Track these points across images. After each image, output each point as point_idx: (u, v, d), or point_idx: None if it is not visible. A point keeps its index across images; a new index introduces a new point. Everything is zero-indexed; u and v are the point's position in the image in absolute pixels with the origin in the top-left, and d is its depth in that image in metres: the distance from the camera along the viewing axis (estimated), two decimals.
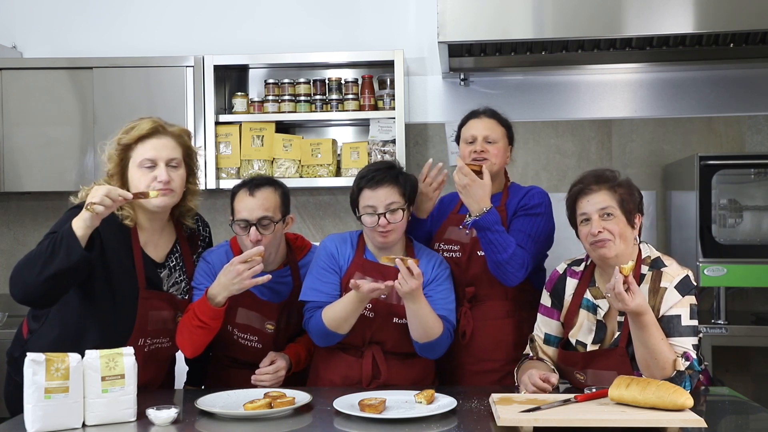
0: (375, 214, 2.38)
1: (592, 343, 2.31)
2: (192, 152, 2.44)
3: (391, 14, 4.05)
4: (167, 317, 2.40)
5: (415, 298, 2.29)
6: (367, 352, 2.44)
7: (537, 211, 2.59)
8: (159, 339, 2.39)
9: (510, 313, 2.63)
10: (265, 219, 2.43)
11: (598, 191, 2.27)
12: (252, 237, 2.41)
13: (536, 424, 1.88)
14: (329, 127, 4.06)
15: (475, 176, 2.47)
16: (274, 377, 2.41)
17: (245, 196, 2.47)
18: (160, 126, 2.35)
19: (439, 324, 2.37)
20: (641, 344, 2.13)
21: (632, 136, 3.98)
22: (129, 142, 2.31)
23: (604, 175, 2.32)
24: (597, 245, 2.25)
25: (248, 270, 2.27)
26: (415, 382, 2.44)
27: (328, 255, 2.47)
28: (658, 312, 2.20)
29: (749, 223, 3.70)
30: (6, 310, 3.82)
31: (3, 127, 3.78)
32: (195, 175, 2.47)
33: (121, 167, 2.33)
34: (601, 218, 2.25)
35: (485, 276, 2.56)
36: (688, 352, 2.15)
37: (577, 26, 3.32)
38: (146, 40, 4.09)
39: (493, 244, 2.45)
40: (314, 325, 2.38)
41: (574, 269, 2.41)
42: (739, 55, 3.69)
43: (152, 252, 2.40)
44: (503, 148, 2.66)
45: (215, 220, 3.97)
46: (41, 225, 4.10)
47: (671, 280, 2.23)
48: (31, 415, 1.93)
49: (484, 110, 2.71)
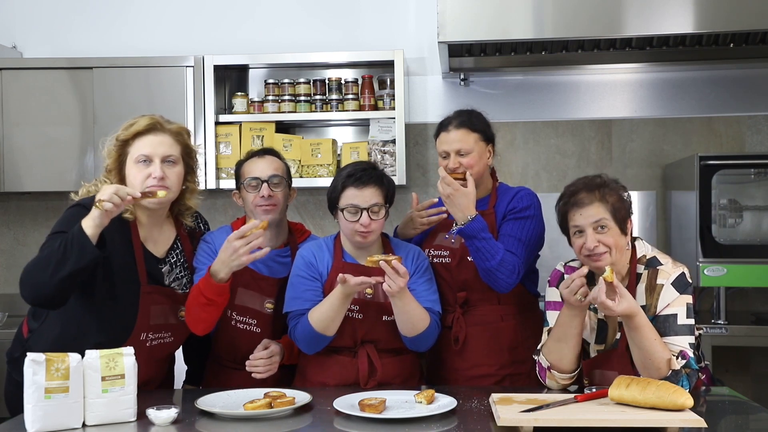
0: (358, 212, 2.37)
1: (595, 343, 2.32)
2: (191, 150, 2.44)
3: (391, 14, 4.05)
4: (169, 312, 2.40)
5: (402, 296, 2.29)
6: (362, 351, 2.43)
7: (526, 214, 2.55)
8: (161, 334, 2.39)
9: (504, 317, 2.61)
10: (276, 176, 2.55)
11: (590, 204, 2.24)
12: (264, 192, 2.50)
13: (536, 424, 1.88)
14: (329, 127, 4.06)
15: (458, 185, 2.43)
16: (268, 362, 2.42)
17: (255, 159, 2.60)
18: (157, 123, 2.35)
19: (425, 316, 2.37)
20: (635, 345, 2.14)
21: (632, 136, 3.98)
22: (126, 138, 2.33)
23: (593, 183, 2.28)
24: (592, 258, 2.24)
25: (245, 246, 2.27)
26: (405, 379, 2.46)
27: (306, 264, 2.46)
28: (655, 309, 2.21)
29: (749, 223, 3.70)
30: (6, 310, 3.83)
31: (3, 127, 3.78)
32: (194, 173, 2.47)
33: (119, 163, 2.34)
34: (595, 231, 2.23)
35: (476, 281, 2.53)
36: (684, 351, 2.15)
37: (577, 26, 3.32)
38: (146, 40, 4.09)
39: (481, 251, 2.42)
40: (301, 330, 2.37)
41: (572, 265, 2.42)
42: (739, 55, 3.69)
43: (152, 248, 2.40)
44: (479, 154, 2.56)
45: (215, 220, 3.97)
46: (41, 225, 4.10)
47: (667, 277, 2.23)
48: (31, 415, 1.93)
49: (453, 119, 2.60)
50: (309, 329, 2.34)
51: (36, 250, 2.27)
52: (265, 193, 2.51)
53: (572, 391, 2.28)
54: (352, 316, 2.40)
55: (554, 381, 2.31)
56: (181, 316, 2.42)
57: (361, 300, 2.41)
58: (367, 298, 2.42)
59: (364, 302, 2.42)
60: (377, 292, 2.42)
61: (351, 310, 2.40)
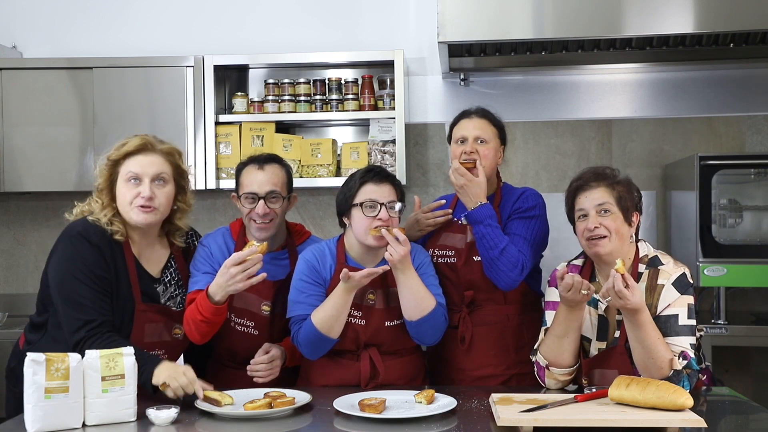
0: (377, 207, 2.37)
1: (596, 340, 2.32)
2: (182, 171, 2.44)
3: (391, 14, 4.05)
4: (163, 329, 2.41)
5: (405, 268, 2.32)
6: (364, 354, 2.43)
7: (532, 213, 2.57)
8: (155, 351, 2.39)
9: (510, 317, 2.62)
10: (273, 193, 2.52)
11: (596, 188, 2.29)
12: (260, 210, 2.48)
13: (536, 424, 1.88)
14: (329, 127, 4.06)
15: (471, 176, 2.48)
16: (269, 366, 2.42)
17: (254, 170, 2.54)
18: (148, 143, 2.37)
19: (430, 297, 2.37)
20: (638, 343, 2.14)
21: (632, 136, 3.98)
22: (118, 158, 2.34)
23: (603, 172, 2.34)
24: (592, 242, 2.27)
25: (242, 273, 2.27)
26: (410, 380, 2.45)
27: (310, 268, 2.45)
28: (655, 309, 2.21)
29: (749, 223, 3.70)
30: (6, 310, 3.83)
31: (3, 127, 3.78)
32: (185, 193, 2.47)
33: (110, 182, 2.36)
34: (598, 214, 2.27)
35: (483, 281, 2.55)
36: (685, 351, 2.15)
37: (577, 26, 3.32)
38: (146, 40, 4.09)
39: (486, 238, 2.45)
40: (304, 333, 2.36)
41: (574, 263, 2.42)
42: (739, 55, 3.69)
43: (147, 266, 2.41)
44: (494, 149, 2.62)
45: (215, 221, 3.99)
46: (41, 225, 4.10)
47: (668, 277, 2.23)
48: (31, 415, 1.93)
49: (476, 110, 2.68)
50: (312, 331, 2.34)
51: (36, 250, 2.29)
52: (260, 211, 2.49)
53: (572, 392, 2.28)
54: (354, 322, 2.40)
55: (554, 379, 2.31)
56: (176, 333, 2.44)
57: (363, 306, 2.41)
58: (369, 304, 2.42)
59: (366, 308, 2.42)
60: (379, 299, 2.42)
61: (353, 316, 2.40)
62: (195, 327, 2.39)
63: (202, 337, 2.43)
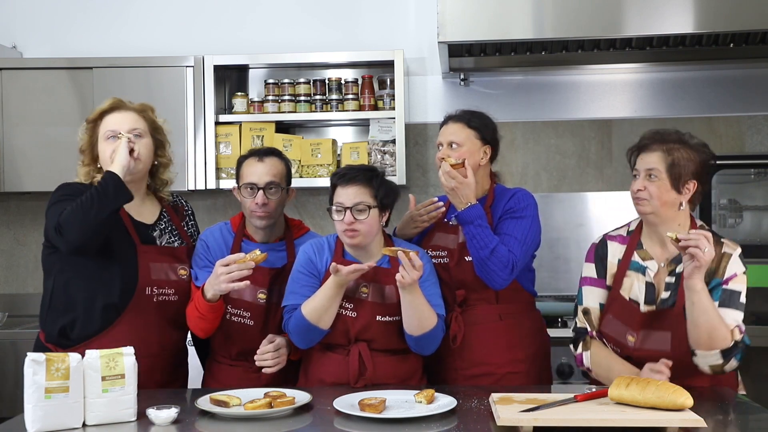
0: (343, 211, 2.39)
1: (645, 303, 2.33)
2: (157, 126, 2.55)
3: (391, 14, 4.05)
4: (168, 269, 2.49)
5: (413, 290, 2.32)
6: (353, 350, 2.43)
7: (523, 213, 2.57)
8: (164, 290, 2.47)
9: (502, 316, 2.61)
10: (272, 184, 2.56)
11: (652, 151, 2.32)
12: (259, 200, 2.52)
13: (536, 423, 1.88)
14: (329, 127, 4.06)
15: (462, 178, 2.47)
16: (277, 355, 2.43)
17: (254, 161, 2.59)
18: (120, 101, 2.50)
19: (433, 315, 2.39)
20: (702, 311, 2.14)
21: (632, 136, 3.94)
22: (94, 118, 2.48)
23: (664, 136, 2.36)
24: (636, 201, 2.33)
25: (226, 275, 2.30)
26: (403, 380, 2.45)
27: (307, 260, 2.49)
28: (723, 274, 2.27)
29: (749, 223, 3.70)
30: (6, 310, 3.82)
31: (3, 127, 3.78)
32: (164, 148, 2.57)
33: (90, 144, 2.48)
34: (645, 177, 2.30)
35: (475, 281, 2.54)
36: (741, 326, 2.22)
37: (577, 26, 3.32)
38: (146, 40, 4.09)
39: (476, 238, 2.45)
40: (294, 322, 2.38)
41: (614, 234, 2.46)
42: (739, 55, 3.69)
43: (139, 219, 2.50)
44: (470, 150, 2.56)
45: (215, 221, 3.96)
46: (41, 225, 4.03)
47: (734, 248, 2.31)
48: (31, 415, 1.93)
49: (453, 114, 2.65)
50: (302, 320, 2.36)
51: (36, 250, 2.31)
52: (259, 201, 2.53)
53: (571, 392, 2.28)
54: (345, 314, 2.41)
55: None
56: (181, 274, 2.51)
57: (355, 298, 2.42)
58: (362, 297, 2.42)
59: (358, 300, 2.42)
60: (372, 292, 2.42)
61: (345, 308, 2.41)
62: (194, 323, 2.46)
63: (204, 332, 2.49)
